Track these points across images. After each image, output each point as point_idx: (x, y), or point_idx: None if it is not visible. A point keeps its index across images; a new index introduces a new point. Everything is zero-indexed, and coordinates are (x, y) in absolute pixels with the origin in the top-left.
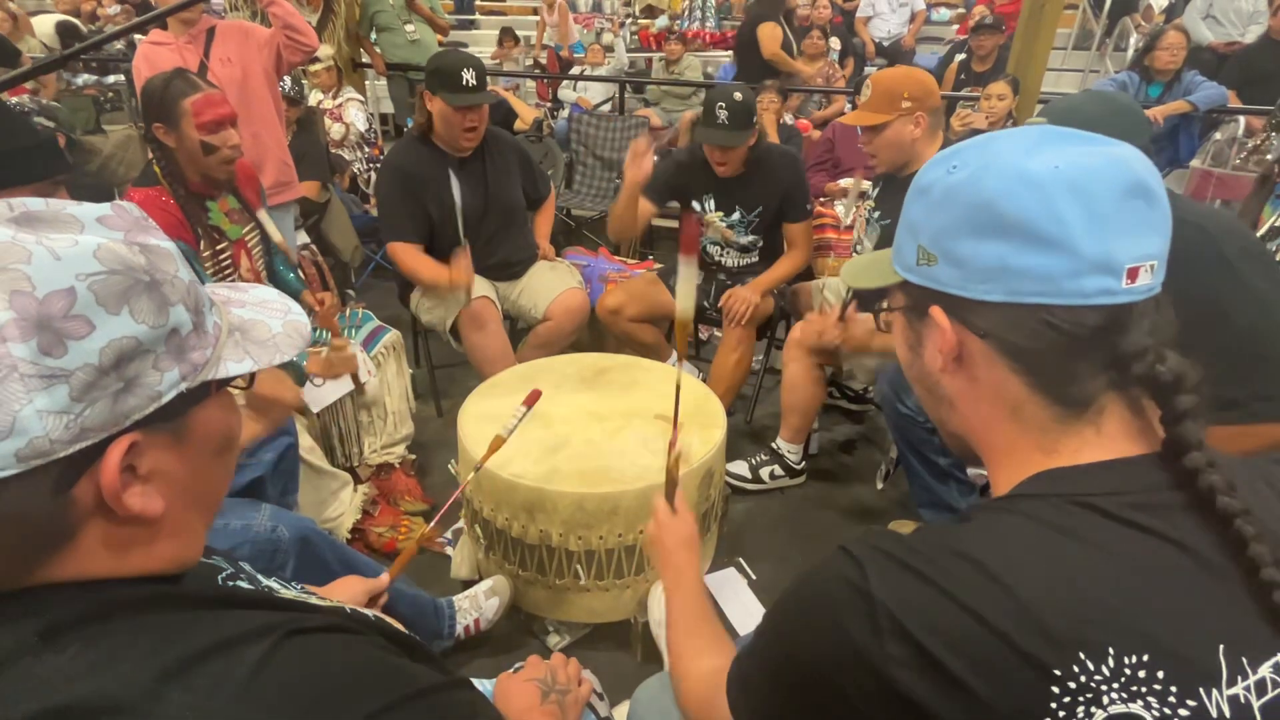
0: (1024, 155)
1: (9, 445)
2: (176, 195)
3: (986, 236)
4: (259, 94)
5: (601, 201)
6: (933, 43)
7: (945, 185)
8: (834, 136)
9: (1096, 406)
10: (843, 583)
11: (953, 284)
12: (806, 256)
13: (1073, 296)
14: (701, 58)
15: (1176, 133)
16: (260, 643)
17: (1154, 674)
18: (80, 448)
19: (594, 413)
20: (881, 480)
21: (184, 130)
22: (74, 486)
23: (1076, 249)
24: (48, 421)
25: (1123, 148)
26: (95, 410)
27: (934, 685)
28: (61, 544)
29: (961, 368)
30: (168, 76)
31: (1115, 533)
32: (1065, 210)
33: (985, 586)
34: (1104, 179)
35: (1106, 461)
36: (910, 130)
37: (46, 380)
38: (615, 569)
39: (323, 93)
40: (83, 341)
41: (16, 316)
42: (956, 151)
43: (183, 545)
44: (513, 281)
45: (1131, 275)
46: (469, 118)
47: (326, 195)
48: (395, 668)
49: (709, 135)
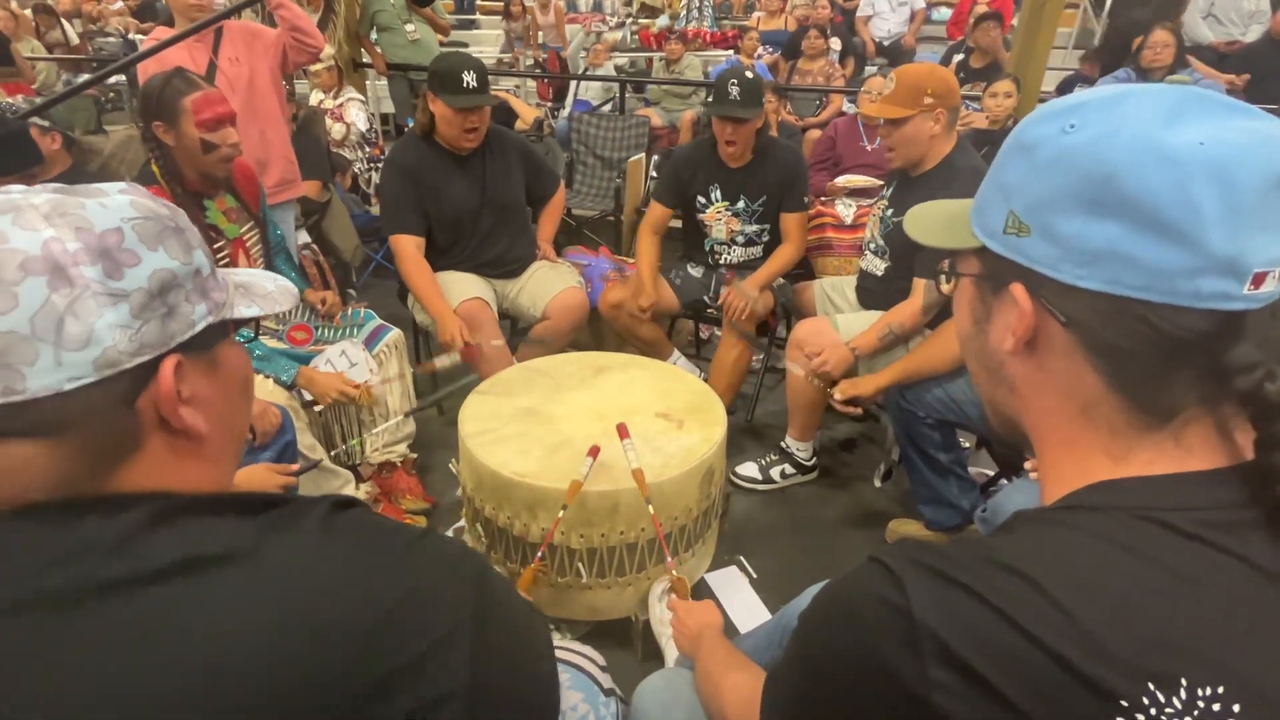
0: (1162, 124)
1: (87, 354)
2: (174, 194)
3: (1099, 215)
4: (265, 93)
5: (602, 201)
6: (933, 42)
7: (1058, 146)
8: (835, 135)
9: (1183, 418)
10: (877, 601)
11: (1044, 262)
12: (801, 248)
13: (1184, 297)
14: (701, 57)
15: None
16: (319, 509)
17: (1229, 708)
18: (140, 361)
19: (594, 411)
20: (880, 479)
21: (183, 128)
22: (138, 398)
23: (1204, 244)
24: (115, 334)
25: (1277, 125)
26: (149, 329)
27: (983, 712)
28: (132, 451)
29: (1033, 353)
30: (167, 75)
31: (1186, 552)
32: (1202, 197)
33: (1040, 605)
34: (1254, 164)
35: (1176, 474)
36: (930, 126)
37: (112, 299)
38: (617, 566)
39: (324, 92)
40: (134, 269)
41: (83, 246)
42: (1075, 108)
43: (221, 472)
44: (512, 280)
45: (1257, 281)
46: (470, 119)
47: (327, 195)
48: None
49: (722, 110)
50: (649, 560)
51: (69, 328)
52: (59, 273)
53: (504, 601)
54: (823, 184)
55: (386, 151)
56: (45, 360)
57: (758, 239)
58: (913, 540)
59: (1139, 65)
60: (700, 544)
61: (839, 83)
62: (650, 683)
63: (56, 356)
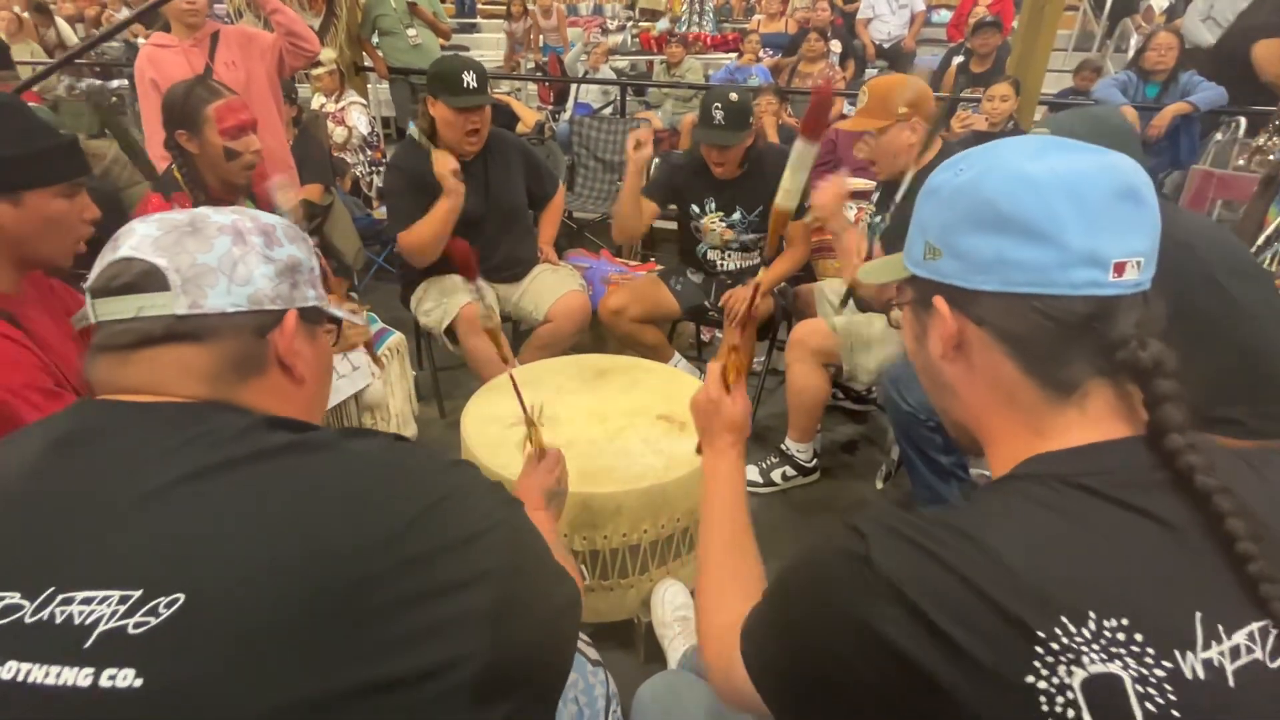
0: (1026, 159)
1: (246, 290)
2: (197, 201)
3: (986, 231)
4: (262, 97)
5: (603, 204)
6: (933, 44)
7: (953, 185)
8: (836, 138)
9: (1082, 390)
10: (845, 553)
11: (954, 275)
12: (805, 254)
13: (1063, 287)
14: (702, 60)
15: (1177, 134)
16: (387, 435)
17: (1132, 636)
18: (275, 308)
19: (596, 413)
20: (882, 480)
21: (206, 136)
22: (269, 333)
23: (1067, 243)
24: (264, 282)
25: (1117, 156)
26: (283, 288)
27: (924, 640)
28: (257, 373)
29: (961, 355)
30: (189, 84)
31: (1102, 510)
32: (1059, 207)
33: (976, 556)
34: (1097, 182)
35: (1096, 444)
36: (907, 136)
37: (267, 260)
38: (620, 569)
39: (325, 96)
40: (280, 248)
41: (254, 226)
42: (964, 156)
43: (311, 419)
44: (514, 284)
45: (1119, 270)
46: (471, 120)
47: (329, 198)
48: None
49: (706, 136)
50: (651, 562)
51: (239, 269)
52: (239, 236)
53: (530, 527)
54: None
55: (387, 155)
56: (221, 287)
57: (754, 247)
58: (880, 507)
59: (1141, 67)
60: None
61: (839, 85)
62: (651, 684)
63: (229, 286)
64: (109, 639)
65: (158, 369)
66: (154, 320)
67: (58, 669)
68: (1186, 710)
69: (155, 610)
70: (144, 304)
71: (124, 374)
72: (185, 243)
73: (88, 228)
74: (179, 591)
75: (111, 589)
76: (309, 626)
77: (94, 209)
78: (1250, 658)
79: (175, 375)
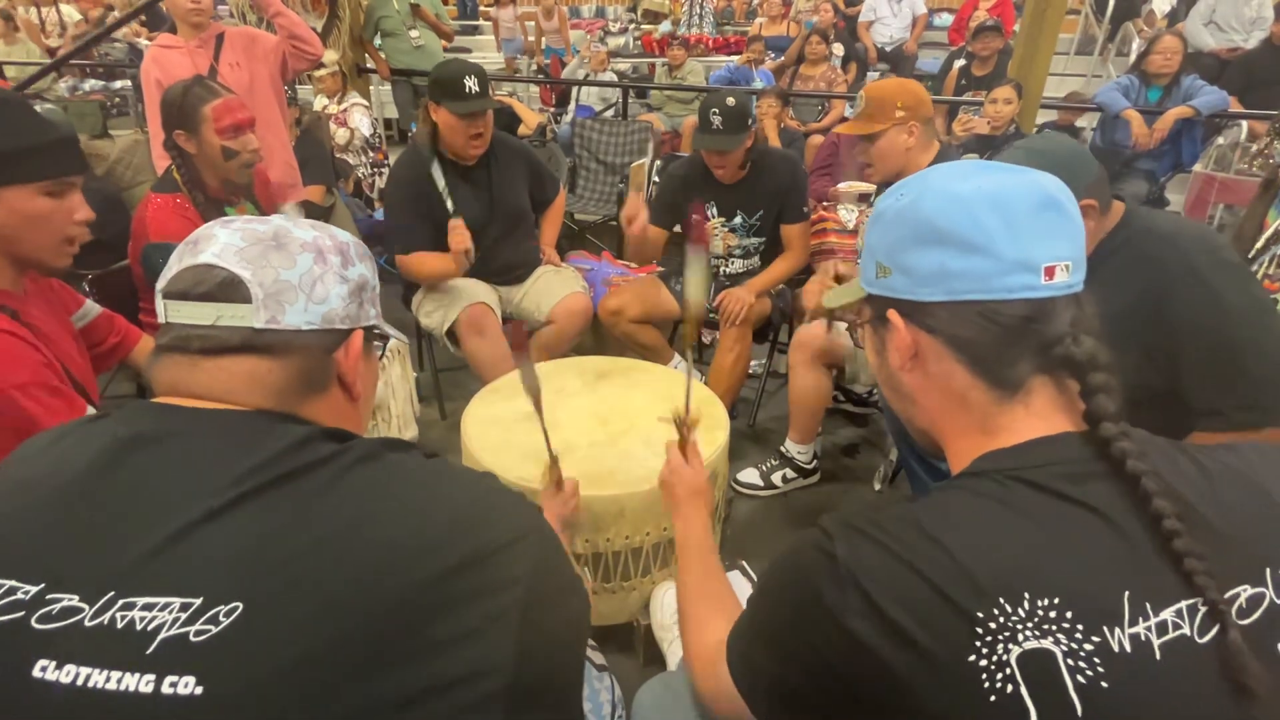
0: (955, 181)
1: (321, 309)
2: (196, 201)
3: (928, 246)
4: (265, 98)
5: (605, 206)
6: (935, 47)
7: (895, 209)
8: (838, 141)
9: (1026, 388)
10: (816, 550)
11: (904, 290)
12: (803, 258)
13: (1001, 292)
14: (704, 63)
15: (1179, 138)
16: (421, 449)
17: (1063, 614)
18: (344, 327)
19: (598, 416)
20: (880, 483)
21: (204, 136)
22: (335, 350)
23: (999, 252)
24: (338, 302)
25: (1038, 174)
26: (353, 308)
27: (879, 630)
28: (320, 390)
29: (918, 364)
30: (187, 84)
31: (1041, 502)
32: (987, 220)
33: (926, 549)
34: (1019, 195)
35: (1038, 440)
36: (904, 139)
37: (342, 280)
38: (622, 572)
39: (327, 98)
40: (353, 268)
41: (333, 245)
42: (903, 183)
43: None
44: (516, 286)
45: (1049, 273)
46: (474, 125)
47: (331, 200)
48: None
49: (704, 141)
50: (653, 565)
51: (318, 288)
52: (320, 255)
53: (555, 536)
54: (825, 189)
55: (389, 156)
56: (299, 304)
57: (755, 250)
58: (849, 509)
59: (1143, 71)
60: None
61: (841, 88)
62: (650, 686)
63: (306, 304)
64: (170, 646)
65: (228, 378)
66: (231, 330)
67: (119, 674)
68: (1114, 681)
69: (215, 619)
70: (223, 313)
71: (193, 378)
72: (270, 257)
73: (79, 228)
74: (237, 600)
75: (173, 596)
76: (362, 635)
77: (86, 209)
78: (1178, 633)
79: (244, 385)
